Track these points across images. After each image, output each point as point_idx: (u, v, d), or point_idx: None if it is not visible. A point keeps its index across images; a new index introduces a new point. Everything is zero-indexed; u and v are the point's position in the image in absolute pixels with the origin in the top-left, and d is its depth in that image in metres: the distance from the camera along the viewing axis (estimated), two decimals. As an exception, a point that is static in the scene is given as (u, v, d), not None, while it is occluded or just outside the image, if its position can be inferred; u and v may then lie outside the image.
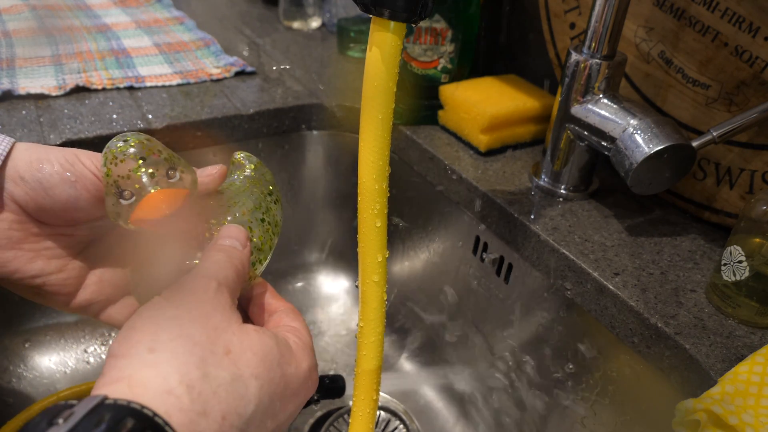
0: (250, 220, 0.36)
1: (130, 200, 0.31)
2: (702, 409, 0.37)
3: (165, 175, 0.32)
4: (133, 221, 0.32)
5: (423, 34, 0.66)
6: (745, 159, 0.51)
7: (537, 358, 0.58)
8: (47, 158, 0.33)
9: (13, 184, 0.32)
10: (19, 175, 0.32)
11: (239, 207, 0.36)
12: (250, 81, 0.76)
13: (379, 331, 0.40)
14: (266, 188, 0.39)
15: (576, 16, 0.61)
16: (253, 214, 0.36)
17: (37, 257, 0.34)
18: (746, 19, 0.48)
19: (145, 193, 0.31)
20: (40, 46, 0.80)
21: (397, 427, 0.67)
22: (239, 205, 0.36)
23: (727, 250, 0.45)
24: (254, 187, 0.38)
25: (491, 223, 0.59)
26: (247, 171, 0.39)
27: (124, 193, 0.31)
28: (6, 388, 0.64)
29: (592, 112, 0.53)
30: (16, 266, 0.33)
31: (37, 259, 0.34)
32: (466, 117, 0.64)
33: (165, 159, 0.32)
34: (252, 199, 0.37)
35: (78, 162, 0.33)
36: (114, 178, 0.31)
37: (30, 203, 0.32)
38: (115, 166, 0.31)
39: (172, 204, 0.32)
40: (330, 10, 0.93)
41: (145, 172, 0.31)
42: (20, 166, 0.32)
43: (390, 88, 0.34)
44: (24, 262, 0.33)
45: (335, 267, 0.84)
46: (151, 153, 0.32)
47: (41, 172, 0.32)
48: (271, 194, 0.39)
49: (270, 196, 0.39)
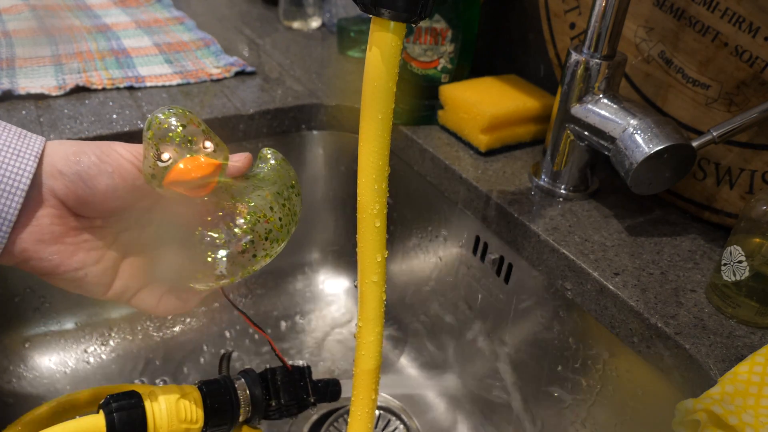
0: (272, 201, 0.38)
1: (167, 163, 0.33)
2: (702, 409, 0.37)
3: (201, 145, 0.34)
4: (166, 183, 0.34)
5: (423, 34, 0.66)
6: (745, 159, 0.50)
7: (537, 358, 0.58)
8: (83, 151, 0.34)
9: (53, 179, 0.33)
10: (58, 169, 0.33)
11: (263, 190, 0.38)
12: (250, 81, 0.76)
13: (378, 331, 0.40)
14: (289, 181, 0.41)
15: (576, 16, 0.61)
16: (276, 197, 0.38)
17: (77, 250, 0.35)
18: (746, 19, 0.48)
19: (182, 157, 0.33)
20: (40, 46, 0.80)
21: (397, 427, 0.67)
22: (263, 189, 0.38)
23: (727, 250, 0.45)
24: (278, 178, 0.40)
25: (491, 223, 0.59)
26: (272, 163, 0.41)
27: (163, 156, 0.33)
28: (6, 388, 0.64)
29: (592, 112, 0.53)
30: (60, 260, 0.34)
31: (78, 252, 0.35)
32: (466, 117, 0.64)
33: (203, 131, 0.35)
34: (276, 187, 0.39)
35: (113, 152, 0.35)
36: (155, 141, 0.33)
37: (70, 196, 0.33)
38: (158, 130, 0.33)
39: (205, 170, 0.34)
40: (330, 10, 0.93)
41: (183, 138, 0.34)
42: (57, 160, 0.33)
43: (390, 88, 0.34)
44: (67, 255, 0.34)
45: (335, 267, 0.84)
46: (191, 122, 0.34)
47: (80, 165, 0.33)
48: (293, 187, 0.41)
49: (292, 189, 0.40)
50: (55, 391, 0.66)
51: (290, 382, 0.50)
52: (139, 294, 0.39)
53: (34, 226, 0.33)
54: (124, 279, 0.38)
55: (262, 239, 0.37)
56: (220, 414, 0.46)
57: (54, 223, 0.33)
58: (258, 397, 0.48)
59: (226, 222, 0.36)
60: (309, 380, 0.51)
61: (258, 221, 0.37)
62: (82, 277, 0.35)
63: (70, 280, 0.35)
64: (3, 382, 0.64)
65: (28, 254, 0.33)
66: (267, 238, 0.37)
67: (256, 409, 0.48)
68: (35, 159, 0.32)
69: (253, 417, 0.48)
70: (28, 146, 0.32)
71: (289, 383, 0.50)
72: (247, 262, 0.37)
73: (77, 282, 0.36)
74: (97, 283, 0.36)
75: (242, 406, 0.47)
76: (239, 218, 0.36)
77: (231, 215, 0.36)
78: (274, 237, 0.37)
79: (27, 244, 0.33)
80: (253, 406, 0.48)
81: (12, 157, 0.31)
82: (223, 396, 0.47)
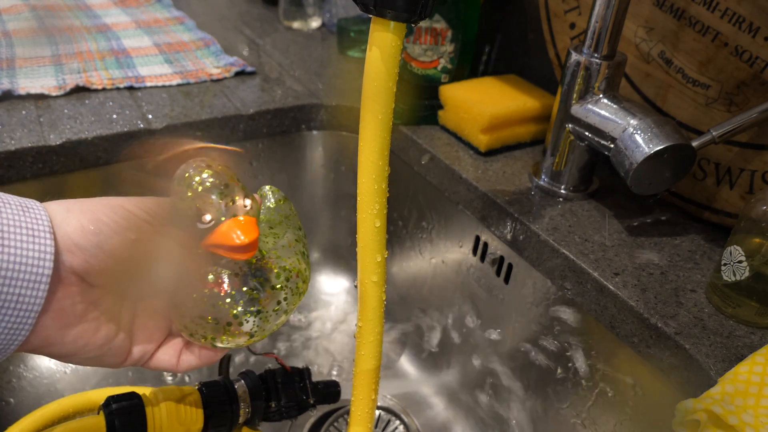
0: (296, 251, 0.37)
1: (208, 224, 0.31)
2: (702, 409, 0.37)
3: (242, 203, 0.32)
4: (206, 245, 0.31)
5: (423, 34, 0.66)
6: (745, 159, 0.50)
7: (537, 358, 0.58)
8: (100, 219, 0.30)
9: (70, 254, 0.29)
10: (74, 243, 0.29)
11: (282, 239, 0.37)
12: (250, 81, 0.76)
13: (378, 331, 0.40)
14: (297, 222, 0.40)
15: (576, 16, 0.61)
16: (296, 246, 0.37)
17: (100, 325, 0.32)
18: (746, 19, 0.48)
19: (224, 217, 0.31)
20: (40, 46, 0.80)
21: (397, 427, 0.67)
22: (281, 237, 0.37)
23: (727, 250, 0.45)
24: (288, 222, 0.39)
25: (491, 223, 0.59)
26: (274, 202, 0.40)
27: (204, 218, 0.31)
28: (6, 388, 0.64)
29: (592, 112, 0.53)
30: (86, 340, 0.31)
31: (101, 327, 0.32)
32: (466, 117, 0.64)
33: (242, 187, 0.32)
34: (291, 233, 0.38)
35: (127, 213, 0.31)
36: (195, 203, 0.31)
37: (90, 270, 0.30)
38: (198, 190, 0.31)
39: (250, 233, 0.31)
40: (330, 10, 0.93)
41: (226, 198, 0.31)
42: (72, 233, 0.29)
43: (390, 88, 0.34)
44: (91, 333, 0.31)
45: (335, 267, 0.84)
46: (231, 180, 0.32)
47: (100, 236, 0.30)
48: (301, 229, 0.40)
49: (300, 230, 0.39)
50: (55, 391, 0.66)
51: (290, 384, 0.50)
52: (156, 355, 0.36)
53: (57, 311, 0.29)
54: (140, 343, 0.35)
55: (294, 293, 0.35)
56: (219, 415, 0.46)
57: (76, 302, 0.30)
58: (257, 398, 0.48)
59: (258, 279, 0.34)
60: (308, 382, 0.51)
61: (290, 276, 0.35)
62: (105, 352, 0.33)
63: (91, 357, 0.32)
64: (3, 382, 0.64)
65: (50, 340, 0.30)
66: (297, 292, 0.36)
67: (256, 411, 0.48)
68: (51, 236, 0.28)
69: (252, 418, 0.48)
70: (37, 221, 0.28)
71: (288, 385, 0.50)
72: (276, 318, 0.35)
73: (99, 358, 0.33)
74: (117, 354, 0.34)
75: (242, 407, 0.47)
76: (272, 275, 0.34)
77: (263, 272, 0.34)
78: (302, 290, 0.36)
79: (50, 331, 0.29)
80: (252, 408, 0.48)
81: (28, 238, 0.27)
82: (222, 397, 0.47)
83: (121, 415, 0.41)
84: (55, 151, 0.59)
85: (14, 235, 0.27)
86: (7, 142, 0.58)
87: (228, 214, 0.31)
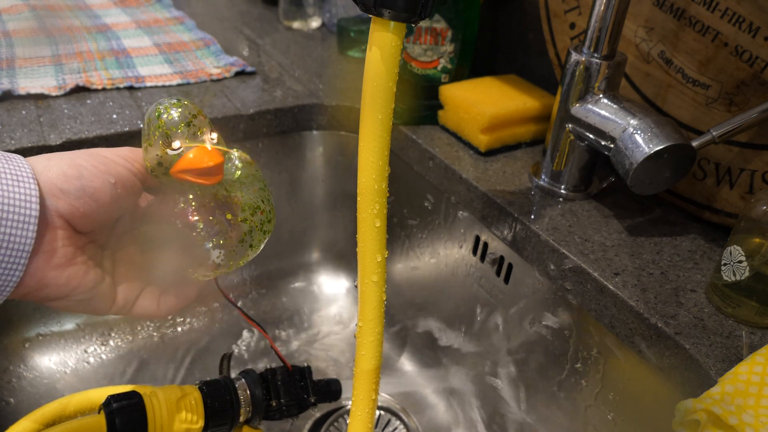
0: (261, 196, 0.39)
1: (177, 151, 0.34)
2: (702, 409, 0.37)
3: (208, 135, 0.35)
4: (175, 171, 0.34)
5: (423, 34, 0.66)
6: (745, 159, 0.50)
7: (536, 359, 0.58)
8: (79, 164, 0.32)
9: (55, 198, 0.31)
10: (58, 187, 0.31)
11: (248, 187, 0.39)
12: (250, 81, 0.76)
13: (378, 331, 0.40)
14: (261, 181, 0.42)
15: (576, 16, 0.61)
16: (261, 193, 0.40)
17: (89, 268, 0.34)
18: (746, 19, 0.48)
19: (194, 145, 0.34)
20: (40, 46, 0.80)
21: (397, 427, 0.67)
22: (247, 185, 0.39)
23: (727, 250, 0.45)
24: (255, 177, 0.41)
25: (491, 223, 0.59)
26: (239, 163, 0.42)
27: (173, 144, 0.33)
28: (6, 388, 0.64)
29: (592, 112, 0.53)
30: (77, 282, 0.33)
31: (90, 271, 0.34)
32: (466, 117, 0.64)
33: (208, 122, 0.35)
34: (258, 183, 0.40)
35: (107, 160, 0.34)
36: (165, 130, 0.34)
37: (75, 213, 0.32)
38: (168, 118, 0.34)
39: (216, 157, 0.34)
40: (330, 10, 0.93)
41: (196, 127, 0.34)
42: (54, 178, 0.31)
43: (390, 88, 0.34)
44: (81, 276, 0.33)
45: (335, 267, 0.84)
46: (199, 114, 0.35)
47: (81, 179, 0.32)
48: (266, 188, 0.42)
49: (266, 189, 0.41)
50: (55, 391, 0.66)
51: (290, 383, 0.50)
52: (138, 302, 0.38)
53: (48, 252, 0.31)
54: (123, 290, 0.37)
55: (258, 230, 0.38)
56: (220, 414, 0.46)
57: (65, 245, 0.32)
58: (258, 397, 0.48)
59: (224, 212, 0.37)
60: (309, 380, 0.51)
61: (255, 212, 0.38)
62: (94, 296, 0.34)
63: (82, 300, 0.34)
64: (3, 382, 0.64)
65: (44, 282, 0.31)
66: (261, 229, 0.38)
67: (257, 410, 0.48)
68: (34, 181, 0.30)
69: (253, 417, 0.48)
70: (19, 168, 0.30)
71: (289, 383, 0.50)
72: (242, 252, 0.38)
73: (87, 302, 0.34)
74: (105, 298, 0.36)
75: (242, 406, 0.47)
76: (237, 209, 0.37)
77: (228, 206, 0.37)
78: (267, 228, 0.39)
79: (43, 272, 0.31)
80: (253, 407, 0.48)
81: (12, 182, 0.29)
82: (223, 396, 0.47)
83: (122, 413, 0.41)
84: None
85: (2, 182, 0.29)
86: (7, 142, 0.58)
87: (195, 143, 0.34)
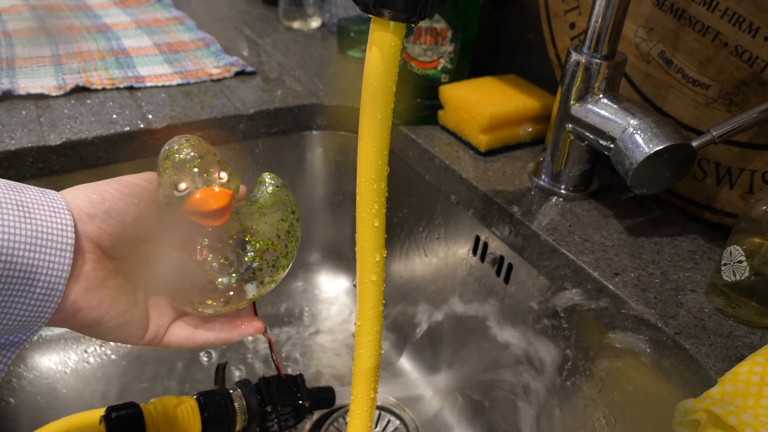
0: (278, 229, 0.39)
1: (183, 193, 0.34)
2: (702, 409, 0.37)
3: (217, 175, 0.35)
4: (182, 211, 0.34)
5: (423, 34, 0.66)
6: (745, 159, 0.50)
7: (536, 359, 0.58)
8: (103, 189, 0.34)
9: (84, 224, 0.33)
10: (86, 213, 0.33)
11: (268, 217, 0.39)
12: (250, 81, 0.76)
13: (376, 330, 0.40)
14: (290, 206, 0.42)
15: (576, 16, 0.61)
16: (280, 224, 0.39)
17: (120, 293, 0.34)
18: (746, 19, 0.48)
19: (199, 186, 0.34)
20: (40, 46, 0.80)
21: (397, 427, 0.67)
22: (267, 215, 0.39)
23: (727, 250, 0.45)
24: (280, 204, 0.41)
25: (491, 223, 0.59)
26: (271, 188, 0.42)
27: (179, 186, 0.34)
28: (6, 388, 0.64)
29: (592, 112, 0.53)
30: (108, 306, 0.34)
31: (121, 296, 0.35)
32: (466, 117, 0.64)
33: (218, 161, 0.35)
34: (279, 213, 0.40)
35: (131, 184, 0.35)
36: (172, 171, 0.34)
37: (103, 236, 0.33)
38: (175, 161, 0.34)
39: (221, 201, 0.34)
40: (330, 10, 0.94)
41: (200, 168, 0.34)
42: (82, 205, 0.33)
43: (390, 88, 0.34)
44: (112, 300, 0.34)
45: (335, 267, 0.84)
46: (207, 154, 0.35)
47: (105, 203, 0.33)
48: (294, 213, 0.41)
49: (293, 214, 0.41)
50: (55, 391, 0.66)
51: (284, 390, 0.51)
52: (170, 331, 0.38)
53: (80, 276, 0.32)
54: (155, 318, 0.37)
55: (270, 266, 0.38)
56: (217, 422, 0.47)
57: (96, 268, 0.33)
58: (254, 405, 0.49)
59: (235, 249, 0.36)
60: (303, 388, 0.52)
61: (267, 249, 0.37)
62: (127, 322, 0.35)
63: (115, 327, 0.34)
64: (3, 382, 0.64)
65: (78, 305, 0.32)
66: (274, 266, 0.38)
67: (252, 417, 0.49)
68: (69, 212, 0.32)
69: (249, 425, 0.49)
70: (55, 201, 0.32)
71: (283, 391, 0.51)
72: (253, 289, 0.37)
73: (121, 328, 0.35)
74: (138, 326, 0.36)
75: (238, 414, 0.48)
76: (248, 245, 0.37)
77: (240, 242, 0.37)
78: (280, 264, 0.38)
79: (77, 296, 0.32)
80: (249, 415, 0.49)
81: (50, 213, 0.31)
82: (219, 405, 0.47)
83: (121, 424, 0.42)
84: (55, 151, 0.59)
85: (39, 212, 0.31)
86: (7, 142, 0.58)
87: (203, 185, 0.34)
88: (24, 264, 0.29)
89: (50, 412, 0.64)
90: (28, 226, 0.30)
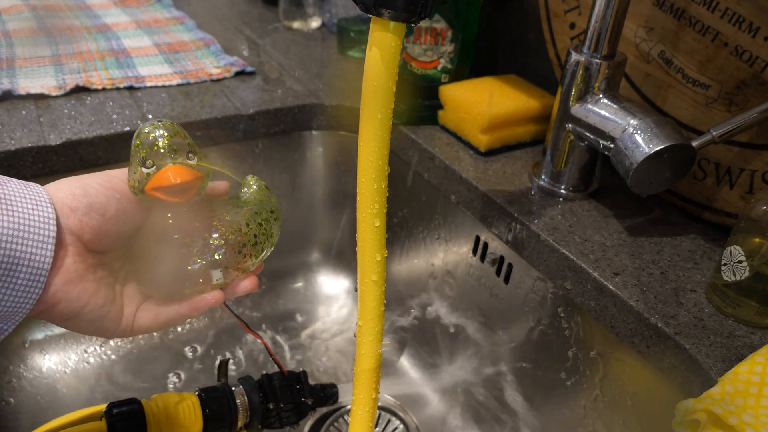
0: (248, 219, 0.39)
1: (150, 169, 0.34)
2: (702, 409, 0.37)
3: (185, 156, 0.36)
4: (148, 189, 0.35)
5: (423, 34, 0.66)
6: (745, 159, 0.50)
7: (536, 358, 0.58)
8: (87, 183, 0.34)
9: (66, 217, 0.33)
10: (68, 206, 0.33)
11: (241, 209, 0.39)
12: (250, 81, 0.76)
13: (377, 330, 0.40)
14: (270, 206, 0.42)
15: (576, 16, 0.61)
16: (253, 216, 0.39)
17: (100, 287, 0.35)
18: (746, 19, 0.48)
19: (165, 164, 0.35)
20: (40, 46, 0.80)
21: (397, 426, 0.67)
22: (241, 208, 0.40)
23: (727, 250, 0.45)
24: (259, 202, 0.41)
25: (491, 223, 0.59)
26: (255, 188, 0.43)
27: (147, 162, 0.34)
28: (6, 388, 0.64)
29: (592, 112, 0.53)
30: (87, 299, 0.34)
31: (101, 289, 0.35)
32: (466, 117, 0.64)
33: (188, 143, 0.36)
34: (255, 207, 0.40)
35: (114, 178, 0.36)
36: (142, 150, 0.35)
37: (85, 230, 0.34)
38: (146, 138, 0.35)
39: (184, 176, 0.35)
40: (330, 10, 0.94)
41: (168, 147, 0.35)
42: (65, 198, 0.33)
43: (389, 88, 0.34)
44: (91, 293, 0.34)
45: (335, 267, 0.84)
46: (177, 134, 0.36)
47: (88, 196, 0.34)
48: (273, 212, 0.42)
49: (272, 213, 0.41)
50: (55, 391, 0.66)
51: (287, 387, 0.51)
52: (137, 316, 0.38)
53: (61, 268, 0.33)
54: (126, 307, 0.37)
55: (235, 252, 0.38)
56: (219, 418, 0.47)
57: (76, 261, 0.33)
58: (256, 402, 0.49)
59: (202, 233, 0.37)
60: (305, 384, 0.52)
61: (232, 234, 0.38)
62: (105, 315, 0.35)
63: (93, 319, 0.35)
64: (3, 382, 0.64)
65: (57, 297, 0.33)
66: (240, 252, 0.38)
67: (254, 413, 0.49)
68: (51, 205, 0.32)
69: (252, 421, 0.49)
70: (38, 194, 0.32)
71: (286, 388, 0.51)
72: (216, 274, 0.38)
73: (99, 321, 0.35)
74: (114, 318, 0.36)
75: (240, 410, 0.48)
76: (214, 231, 0.37)
77: (208, 227, 0.37)
78: (248, 252, 0.38)
79: (57, 287, 0.33)
80: (251, 412, 0.48)
81: (31, 206, 0.31)
82: (221, 401, 0.47)
83: (122, 419, 0.42)
84: (55, 151, 0.59)
85: (21, 206, 0.31)
86: (7, 142, 0.58)
87: (168, 160, 0.35)
88: (6, 255, 0.30)
89: (50, 412, 0.63)
90: (11, 218, 0.30)
